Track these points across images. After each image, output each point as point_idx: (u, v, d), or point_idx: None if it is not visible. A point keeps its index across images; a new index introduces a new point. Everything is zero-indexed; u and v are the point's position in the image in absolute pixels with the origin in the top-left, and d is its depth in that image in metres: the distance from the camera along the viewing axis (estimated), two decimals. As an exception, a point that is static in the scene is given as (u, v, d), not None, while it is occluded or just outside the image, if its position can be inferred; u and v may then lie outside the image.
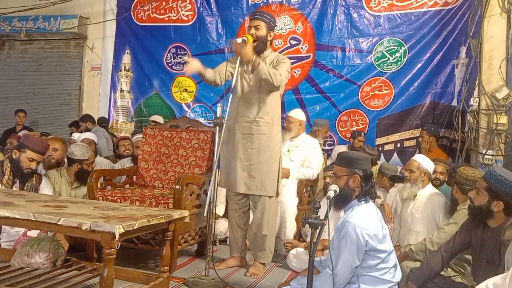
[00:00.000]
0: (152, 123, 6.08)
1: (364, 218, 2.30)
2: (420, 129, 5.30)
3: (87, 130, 6.04)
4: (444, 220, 3.27)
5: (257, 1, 6.10)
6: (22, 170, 3.32)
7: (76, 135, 5.15)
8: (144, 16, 6.64)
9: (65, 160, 4.00)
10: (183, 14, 6.45)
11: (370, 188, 2.39)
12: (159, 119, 6.18)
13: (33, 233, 3.20)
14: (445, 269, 2.78)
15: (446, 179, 3.94)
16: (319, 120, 5.37)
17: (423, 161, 3.54)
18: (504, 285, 1.68)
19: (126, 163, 4.73)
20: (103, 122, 6.38)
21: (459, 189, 3.09)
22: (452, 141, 5.27)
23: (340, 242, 2.28)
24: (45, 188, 3.50)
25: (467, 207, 2.65)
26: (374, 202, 2.48)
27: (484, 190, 2.40)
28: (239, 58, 3.14)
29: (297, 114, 4.42)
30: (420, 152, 4.81)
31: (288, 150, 4.27)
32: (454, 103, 5.26)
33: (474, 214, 2.50)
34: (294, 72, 5.83)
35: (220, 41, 6.24)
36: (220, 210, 4.19)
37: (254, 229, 3.42)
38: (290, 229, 4.04)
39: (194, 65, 3.12)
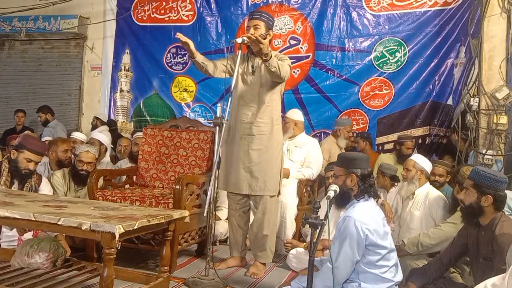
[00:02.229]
0: (95, 119, 6.28)
1: (364, 213, 2.33)
2: (418, 128, 5.37)
3: (47, 122, 6.42)
4: (442, 218, 3.31)
5: (257, 1, 6.09)
6: (20, 171, 3.31)
7: (77, 134, 5.11)
8: (145, 16, 6.64)
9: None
10: (183, 14, 6.45)
11: (368, 186, 2.42)
12: (101, 116, 6.38)
13: (29, 235, 3.21)
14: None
15: (448, 180, 3.95)
16: (340, 119, 5.29)
17: (418, 159, 3.63)
18: (503, 285, 1.69)
19: (123, 164, 4.72)
20: (112, 125, 6.37)
21: (460, 189, 3.10)
22: (443, 138, 5.31)
23: (341, 236, 2.32)
24: (45, 189, 3.49)
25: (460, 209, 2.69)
26: (376, 201, 2.50)
27: (471, 188, 2.46)
28: (239, 58, 3.13)
29: (293, 114, 4.42)
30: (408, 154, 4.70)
31: (288, 150, 4.27)
32: (454, 102, 5.27)
33: (467, 214, 2.53)
34: (294, 72, 5.82)
35: (220, 41, 6.23)
36: (223, 214, 4.16)
37: (255, 229, 3.42)
38: (290, 229, 4.04)
39: (188, 40, 3.10)
